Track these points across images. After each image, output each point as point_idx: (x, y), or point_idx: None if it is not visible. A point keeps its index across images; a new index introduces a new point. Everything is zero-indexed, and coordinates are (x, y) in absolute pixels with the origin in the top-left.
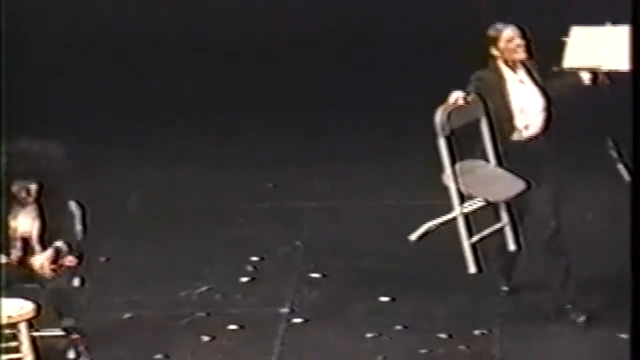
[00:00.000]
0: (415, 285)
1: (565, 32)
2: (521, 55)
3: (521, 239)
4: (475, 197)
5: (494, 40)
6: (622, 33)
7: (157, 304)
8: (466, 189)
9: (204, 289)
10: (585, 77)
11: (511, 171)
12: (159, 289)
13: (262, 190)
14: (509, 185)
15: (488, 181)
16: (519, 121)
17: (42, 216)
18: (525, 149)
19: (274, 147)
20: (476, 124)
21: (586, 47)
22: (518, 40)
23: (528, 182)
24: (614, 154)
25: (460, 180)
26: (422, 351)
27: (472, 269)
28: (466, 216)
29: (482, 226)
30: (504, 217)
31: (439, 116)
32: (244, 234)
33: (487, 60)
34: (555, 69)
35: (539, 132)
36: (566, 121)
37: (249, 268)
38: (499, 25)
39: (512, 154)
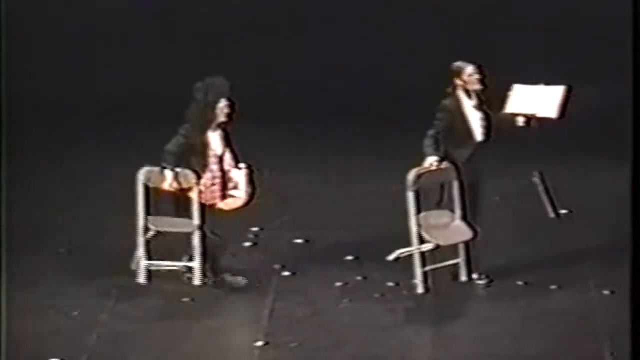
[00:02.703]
0: (373, 248)
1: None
2: (477, 86)
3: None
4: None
5: (458, 74)
6: (554, 91)
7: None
8: (425, 233)
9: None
10: (520, 120)
11: (467, 222)
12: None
13: (261, 175)
14: (459, 234)
15: (443, 228)
16: (477, 135)
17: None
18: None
19: (268, 144)
20: (448, 185)
21: (524, 99)
22: (476, 75)
23: (475, 233)
24: (540, 188)
25: (422, 224)
26: (376, 295)
27: (420, 289)
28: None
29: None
30: (460, 254)
31: (411, 175)
32: (247, 209)
33: (452, 89)
34: (499, 113)
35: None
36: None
37: (251, 236)
38: (461, 63)
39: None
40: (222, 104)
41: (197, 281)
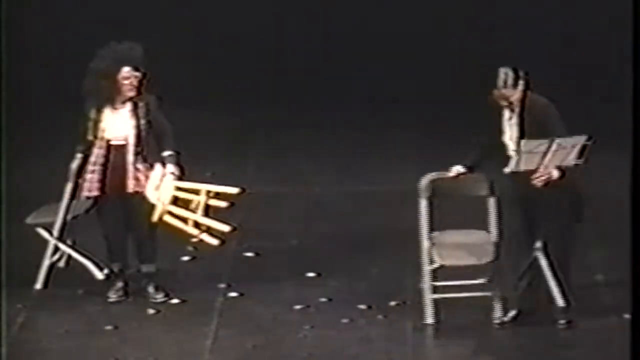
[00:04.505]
0: (338, 262)
1: None
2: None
3: None
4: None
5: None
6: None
7: (107, 282)
8: (435, 249)
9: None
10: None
11: (496, 245)
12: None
13: (202, 179)
14: (475, 255)
15: (459, 248)
16: None
17: None
18: None
19: (213, 142)
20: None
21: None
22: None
23: (496, 257)
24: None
25: (436, 242)
26: (344, 321)
27: (429, 319)
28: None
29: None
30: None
31: (424, 181)
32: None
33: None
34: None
35: None
36: None
37: (190, 248)
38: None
39: None
40: (126, 73)
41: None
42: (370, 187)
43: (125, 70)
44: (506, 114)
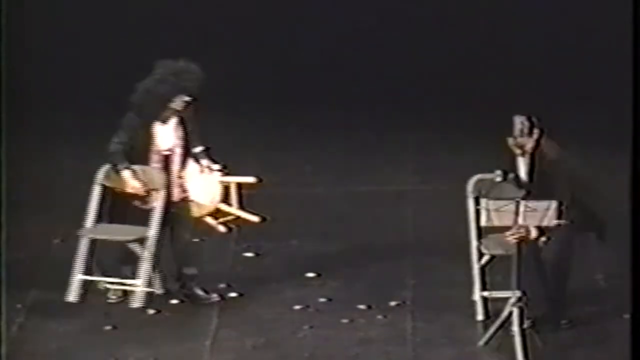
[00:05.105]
0: (339, 263)
1: None
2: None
3: None
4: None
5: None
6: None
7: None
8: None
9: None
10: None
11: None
12: (110, 268)
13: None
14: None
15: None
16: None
17: None
18: None
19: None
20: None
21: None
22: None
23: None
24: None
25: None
26: (344, 321)
27: (479, 317)
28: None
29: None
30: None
31: (472, 180)
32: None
33: None
34: None
35: None
36: None
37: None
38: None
39: None
40: (182, 101)
41: (137, 303)
42: (370, 187)
43: (183, 98)
44: (519, 159)
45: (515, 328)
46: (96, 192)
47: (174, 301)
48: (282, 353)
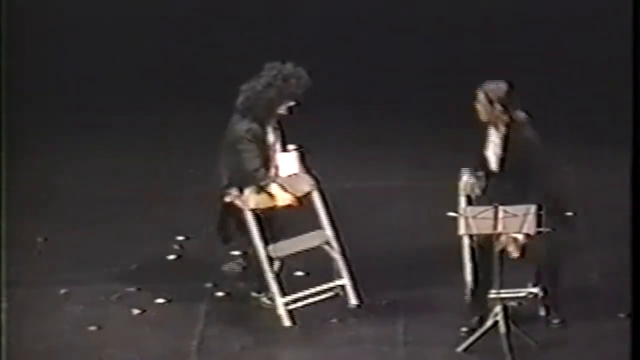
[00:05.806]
0: (326, 260)
1: None
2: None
3: None
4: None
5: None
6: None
7: (91, 280)
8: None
9: (134, 266)
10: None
11: None
12: (94, 266)
13: (185, 176)
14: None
15: None
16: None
17: None
18: None
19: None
20: None
21: None
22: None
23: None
24: None
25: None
26: (333, 320)
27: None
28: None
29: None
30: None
31: (465, 177)
32: (171, 216)
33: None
34: None
35: None
36: None
37: (175, 247)
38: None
39: None
40: (287, 106)
41: (353, 300)
42: (360, 183)
43: (289, 104)
44: (492, 132)
45: (502, 329)
46: (249, 218)
47: (161, 300)
48: (271, 354)
